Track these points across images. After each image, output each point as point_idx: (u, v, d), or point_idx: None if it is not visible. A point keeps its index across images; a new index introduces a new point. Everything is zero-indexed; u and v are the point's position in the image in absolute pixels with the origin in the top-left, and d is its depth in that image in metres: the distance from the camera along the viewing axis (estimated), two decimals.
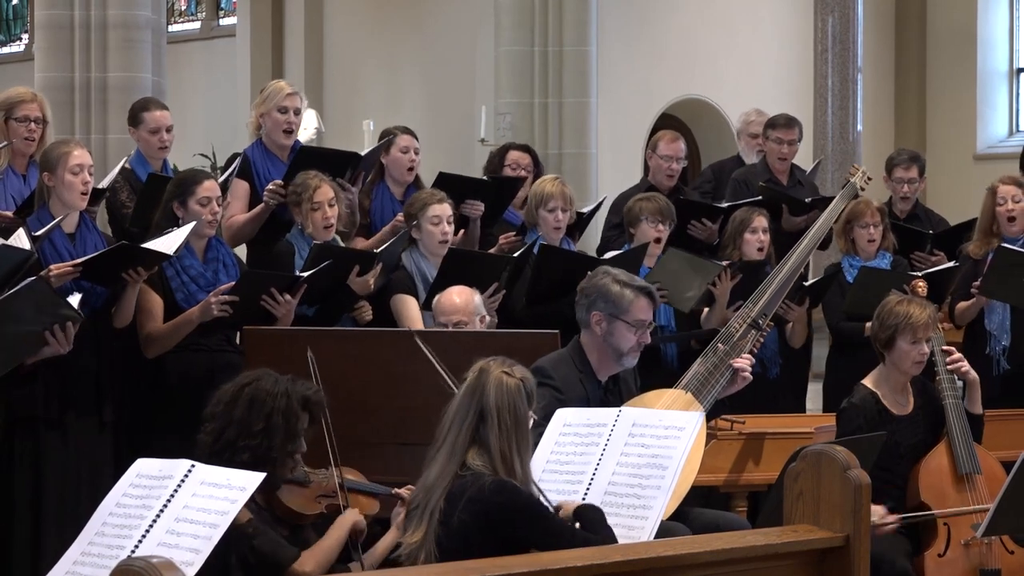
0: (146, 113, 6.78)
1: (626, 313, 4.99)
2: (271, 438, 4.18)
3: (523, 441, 4.01)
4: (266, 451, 4.17)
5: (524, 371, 4.10)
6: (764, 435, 6.09)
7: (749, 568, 3.63)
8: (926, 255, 7.44)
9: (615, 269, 5.17)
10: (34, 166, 6.37)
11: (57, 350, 5.21)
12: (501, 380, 4.01)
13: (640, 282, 5.10)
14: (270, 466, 4.13)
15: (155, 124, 6.74)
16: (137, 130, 6.80)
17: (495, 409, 3.97)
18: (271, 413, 4.19)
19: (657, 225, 6.81)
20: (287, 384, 4.27)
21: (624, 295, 4.99)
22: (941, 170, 13.81)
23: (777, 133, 7.82)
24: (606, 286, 5.02)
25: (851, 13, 13.26)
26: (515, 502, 3.92)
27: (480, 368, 4.05)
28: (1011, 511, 3.95)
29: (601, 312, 5.00)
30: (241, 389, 4.25)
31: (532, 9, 11.78)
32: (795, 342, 7.03)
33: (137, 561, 2.91)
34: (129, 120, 6.90)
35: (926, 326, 5.38)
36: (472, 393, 4.01)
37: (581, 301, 5.09)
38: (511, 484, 3.94)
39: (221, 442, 4.17)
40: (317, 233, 6.12)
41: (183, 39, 17.74)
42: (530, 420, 4.06)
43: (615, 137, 12.93)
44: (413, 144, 6.97)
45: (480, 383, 4.01)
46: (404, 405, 5.16)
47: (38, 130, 6.34)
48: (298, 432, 4.24)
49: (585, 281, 5.15)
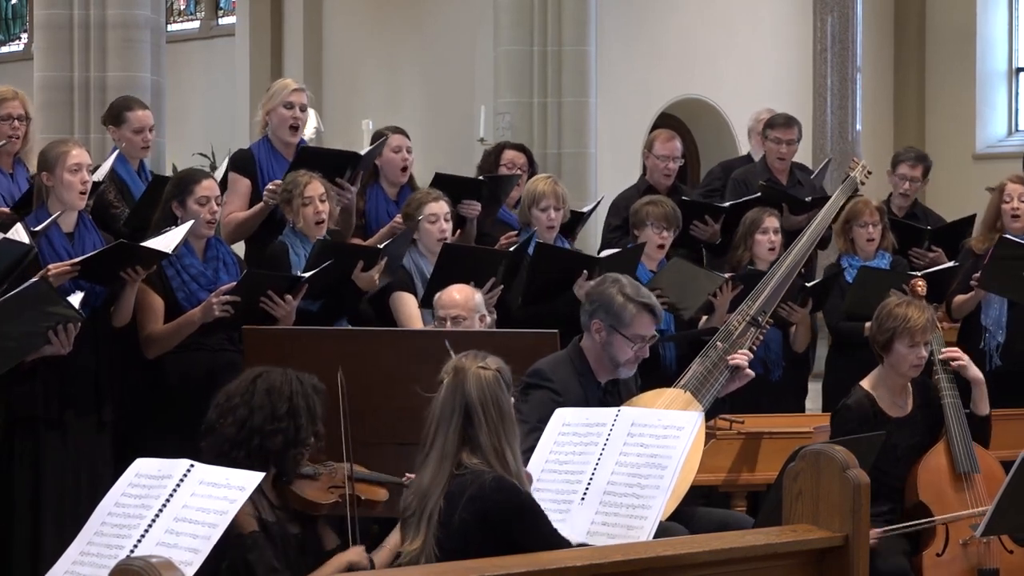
0: (129, 113, 6.72)
1: (626, 327, 4.97)
2: (298, 419, 4.24)
3: (510, 431, 4.01)
4: (296, 431, 4.23)
5: (497, 360, 4.09)
6: (763, 435, 6.10)
7: (748, 568, 3.63)
8: (923, 251, 7.45)
9: (624, 278, 5.12)
10: (20, 164, 6.38)
11: (58, 350, 5.21)
12: (479, 376, 4.00)
13: (646, 296, 5.04)
14: (300, 448, 4.24)
15: (139, 124, 6.70)
16: (119, 129, 6.73)
17: (479, 406, 3.96)
18: (292, 396, 4.26)
19: (662, 232, 6.80)
20: (294, 373, 4.35)
21: (627, 309, 4.97)
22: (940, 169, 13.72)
23: (775, 133, 7.83)
24: (611, 296, 4.99)
25: (850, 13, 13.27)
26: (513, 502, 3.91)
27: (455, 368, 4.04)
28: (1010, 511, 3.95)
29: (602, 322, 4.99)
30: (253, 382, 4.30)
31: (531, 9, 11.77)
32: (799, 346, 7.01)
33: (136, 561, 2.91)
34: (109, 119, 6.84)
35: (924, 330, 5.37)
36: (453, 394, 4.00)
37: (585, 306, 5.08)
38: (510, 483, 3.93)
39: (246, 430, 4.19)
40: (308, 229, 6.11)
41: (182, 39, 17.75)
42: (512, 404, 4.07)
43: (614, 137, 12.93)
44: (405, 143, 6.97)
45: (459, 382, 4.00)
46: (403, 405, 5.15)
47: (22, 127, 6.34)
48: (318, 415, 4.31)
49: (594, 286, 5.13)
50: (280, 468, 4.26)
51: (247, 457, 4.16)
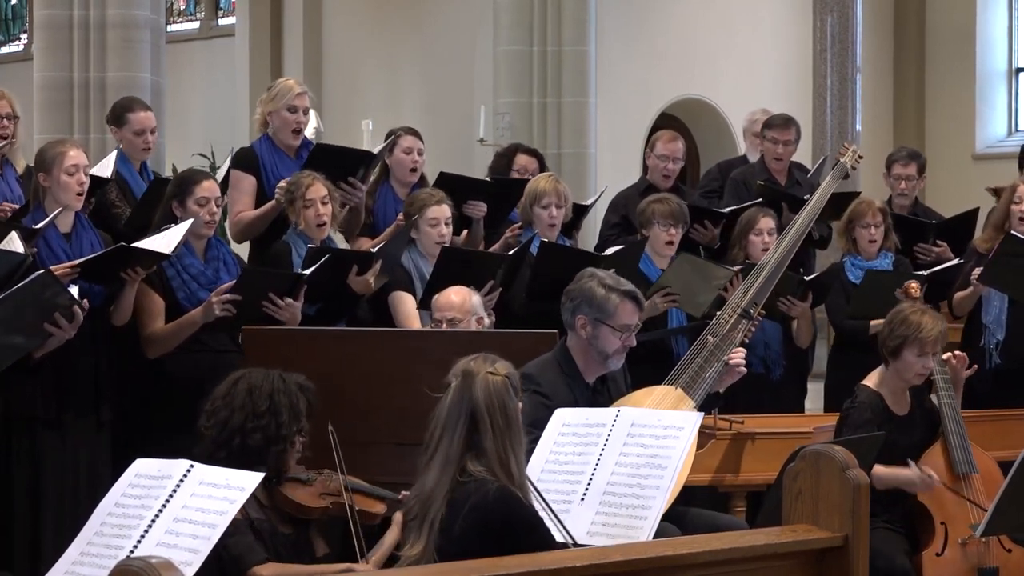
0: (131, 114, 6.72)
1: (611, 318, 4.96)
2: (278, 416, 4.27)
3: (516, 438, 3.98)
4: (276, 429, 4.26)
5: (507, 365, 4.05)
6: (763, 435, 6.09)
7: (748, 568, 3.62)
8: (928, 246, 7.44)
9: (601, 272, 5.12)
10: (7, 163, 6.38)
11: (63, 337, 5.19)
12: (488, 381, 3.95)
13: (626, 286, 5.03)
14: (283, 445, 4.26)
15: (140, 126, 6.70)
16: (120, 130, 6.75)
17: (486, 413, 3.92)
18: (272, 394, 4.30)
19: (669, 229, 6.78)
20: (277, 372, 4.38)
21: (609, 299, 4.96)
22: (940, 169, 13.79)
23: (773, 133, 7.82)
24: (591, 290, 4.98)
25: (850, 13, 13.26)
26: (516, 514, 3.89)
27: (464, 371, 3.98)
28: (1010, 511, 3.95)
29: (586, 316, 4.98)
30: (235, 383, 4.35)
31: (531, 9, 11.77)
32: (802, 341, 7.00)
33: (136, 561, 2.90)
34: (111, 119, 6.85)
35: (935, 341, 5.35)
36: (460, 398, 3.95)
37: (566, 304, 5.05)
38: (514, 495, 3.91)
39: (228, 430, 4.21)
40: (310, 231, 6.12)
41: (182, 39, 17.74)
42: (519, 410, 4.04)
43: (614, 137, 12.93)
44: (417, 145, 6.96)
45: (467, 386, 3.95)
46: (403, 405, 5.16)
47: (11, 127, 6.35)
48: (301, 412, 4.32)
49: (571, 284, 5.12)
50: (264, 466, 4.24)
51: (228, 457, 4.17)
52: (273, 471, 4.29)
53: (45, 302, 5.08)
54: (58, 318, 5.12)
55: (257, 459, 4.24)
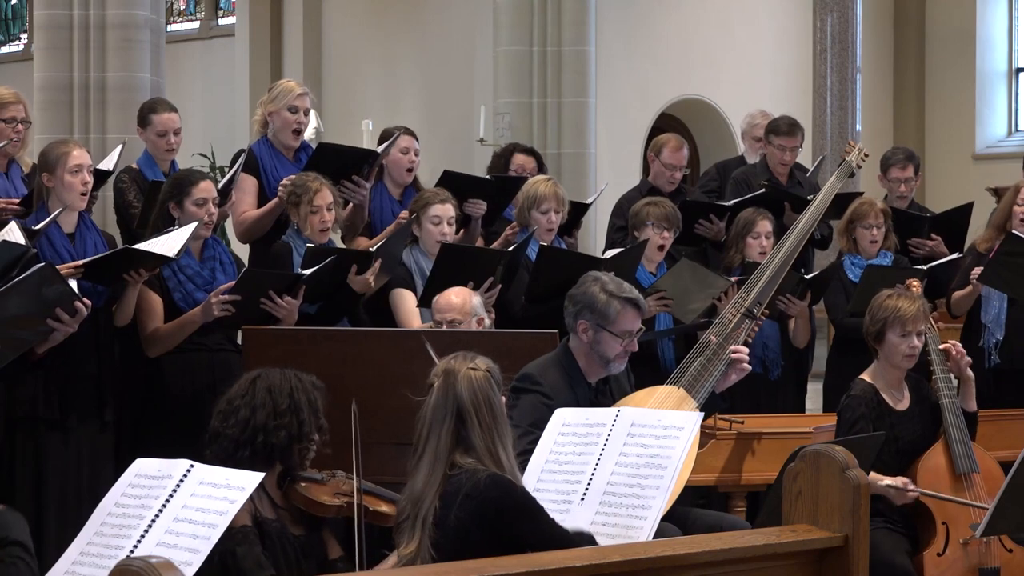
0: (154, 115, 6.73)
1: (612, 324, 4.96)
2: (300, 413, 4.28)
3: (503, 430, 4.01)
4: (299, 426, 4.27)
5: (487, 360, 4.08)
6: (763, 435, 6.09)
7: (748, 568, 3.62)
8: (922, 240, 7.44)
9: (604, 276, 5.12)
10: (15, 164, 6.39)
11: (65, 331, 5.19)
12: (470, 377, 3.99)
13: (628, 291, 5.03)
14: (305, 443, 4.27)
15: (162, 127, 6.71)
16: (145, 131, 6.76)
17: (472, 408, 3.96)
18: (292, 392, 4.30)
19: (662, 232, 6.80)
20: (292, 371, 4.38)
21: (611, 305, 4.96)
22: (940, 169, 13.84)
23: (780, 140, 7.79)
24: (593, 295, 4.98)
25: (850, 13, 13.29)
26: (510, 498, 3.91)
27: (445, 370, 4.02)
28: (1010, 511, 3.95)
29: (588, 321, 4.98)
30: (252, 383, 4.33)
31: (531, 9, 11.78)
32: (799, 341, 7.00)
33: (136, 561, 2.90)
34: (138, 120, 6.87)
35: (915, 319, 5.39)
36: (445, 397, 3.99)
37: (569, 308, 5.06)
38: (506, 480, 3.93)
39: (251, 429, 4.21)
40: (314, 236, 6.12)
41: (182, 39, 17.75)
42: (503, 403, 4.07)
43: (614, 137, 12.94)
44: (413, 145, 6.98)
45: (450, 385, 3.99)
46: (403, 405, 5.15)
47: (23, 130, 6.36)
48: (319, 410, 4.33)
49: (574, 288, 5.12)
50: (286, 464, 4.28)
51: (252, 455, 4.18)
52: (295, 469, 4.31)
53: (45, 295, 5.08)
54: (60, 312, 5.12)
55: (281, 457, 4.26)
